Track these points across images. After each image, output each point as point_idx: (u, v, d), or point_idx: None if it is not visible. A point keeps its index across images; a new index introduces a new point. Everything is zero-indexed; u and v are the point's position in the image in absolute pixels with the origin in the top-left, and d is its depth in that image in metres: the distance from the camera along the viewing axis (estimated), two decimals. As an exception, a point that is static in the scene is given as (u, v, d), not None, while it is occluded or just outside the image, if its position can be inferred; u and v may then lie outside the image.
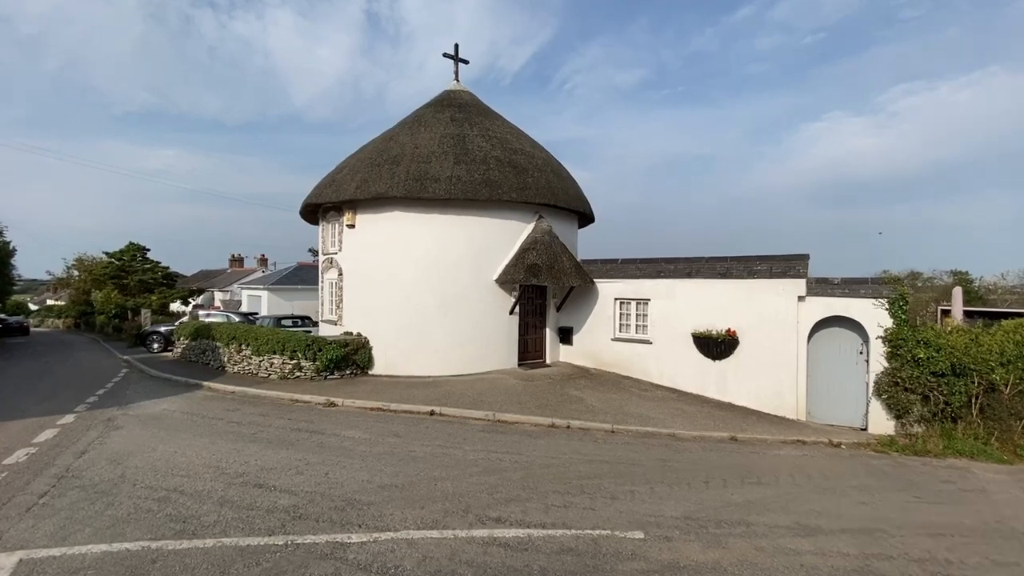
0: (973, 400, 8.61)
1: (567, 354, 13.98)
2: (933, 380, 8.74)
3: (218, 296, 36.23)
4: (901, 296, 9.41)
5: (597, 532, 4.72)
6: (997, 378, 8.48)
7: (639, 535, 4.70)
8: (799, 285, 10.23)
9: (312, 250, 42.61)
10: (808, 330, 10.15)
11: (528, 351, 13.47)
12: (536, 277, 12.08)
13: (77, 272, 35.86)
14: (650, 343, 12.27)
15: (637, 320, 12.65)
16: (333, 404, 9.78)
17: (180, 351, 16.29)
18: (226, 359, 13.52)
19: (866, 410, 9.62)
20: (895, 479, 6.91)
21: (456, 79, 15.49)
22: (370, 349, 12.64)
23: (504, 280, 12.49)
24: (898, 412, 9.11)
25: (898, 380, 9.05)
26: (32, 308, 50.52)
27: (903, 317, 9.26)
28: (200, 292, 35.81)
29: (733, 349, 10.92)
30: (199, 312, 24.06)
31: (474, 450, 7.22)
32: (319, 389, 10.77)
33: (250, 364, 12.79)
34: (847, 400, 9.89)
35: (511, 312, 12.85)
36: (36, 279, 53.83)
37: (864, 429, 9.54)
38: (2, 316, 29.91)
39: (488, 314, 12.59)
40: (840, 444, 8.58)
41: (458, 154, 12.48)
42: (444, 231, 12.36)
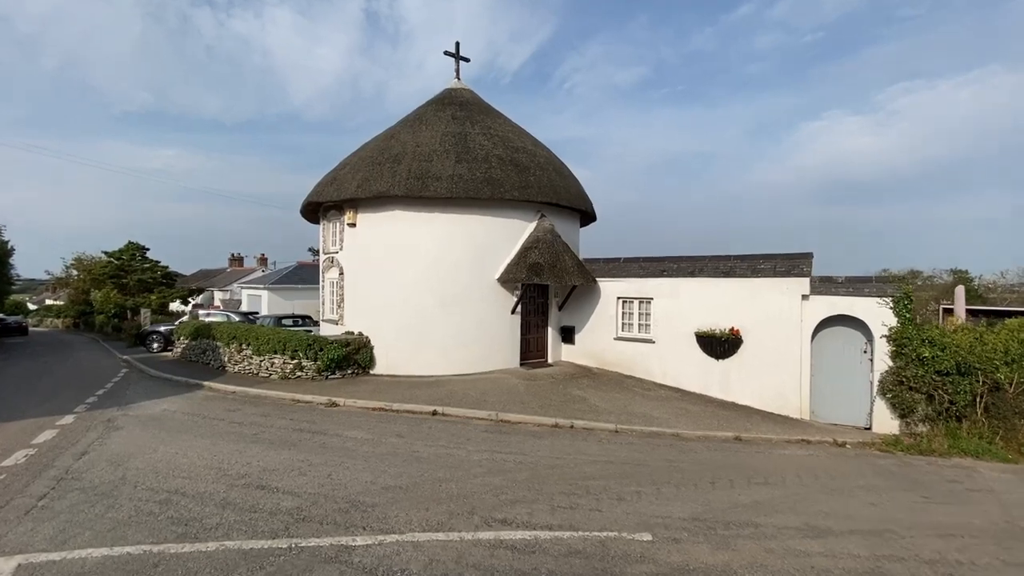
0: (978, 399, 8.58)
1: (569, 353, 13.93)
2: (938, 379, 8.70)
3: (218, 295, 36.16)
4: (906, 295, 9.38)
5: (604, 534, 4.67)
6: (1002, 377, 8.46)
7: (647, 537, 4.65)
8: (803, 284, 10.18)
9: (312, 249, 42.53)
10: (812, 329, 10.09)
11: (530, 350, 13.42)
12: (538, 276, 12.02)
13: (76, 271, 35.67)
14: (653, 342, 12.22)
15: (640, 319, 12.59)
16: (335, 404, 9.73)
17: (180, 351, 16.22)
18: (227, 359, 13.46)
19: (870, 409, 9.58)
20: (902, 479, 6.87)
21: (457, 77, 15.42)
22: (371, 349, 12.58)
23: (506, 279, 12.43)
24: (902, 411, 9.07)
25: (902, 379, 9.01)
26: (31, 308, 50.28)
27: (908, 316, 9.22)
28: (200, 291, 35.68)
29: (736, 348, 10.87)
30: (199, 311, 23.95)
31: (478, 450, 7.17)
32: (320, 389, 10.72)
33: (251, 364, 12.73)
34: (851, 399, 9.85)
35: (513, 311, 12.79)
36: (35, 279, 53.80)
37: (868, 428, 9.50)
38: (1, 316, 29.74)
39: (490, 313, 12.53)
40: (845, 444, 8.54)
41: (459, 152, 12.42)
42: (446, 230, 12.29)
